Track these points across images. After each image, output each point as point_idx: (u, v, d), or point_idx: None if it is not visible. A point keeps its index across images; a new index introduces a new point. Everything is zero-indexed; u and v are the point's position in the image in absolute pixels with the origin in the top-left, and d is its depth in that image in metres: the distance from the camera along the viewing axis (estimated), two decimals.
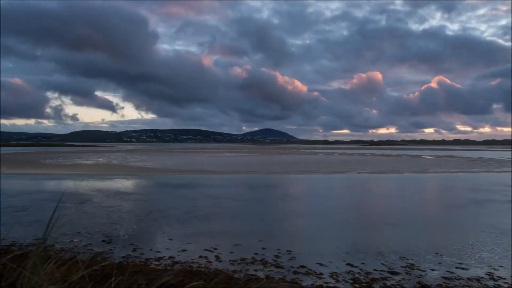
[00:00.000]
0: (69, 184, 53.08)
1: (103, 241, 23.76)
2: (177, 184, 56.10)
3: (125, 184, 55.85)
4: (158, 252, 21.46)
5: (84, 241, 23.58)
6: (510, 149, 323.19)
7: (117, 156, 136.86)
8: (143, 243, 23.24)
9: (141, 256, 20.50)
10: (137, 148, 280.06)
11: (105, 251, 21.47)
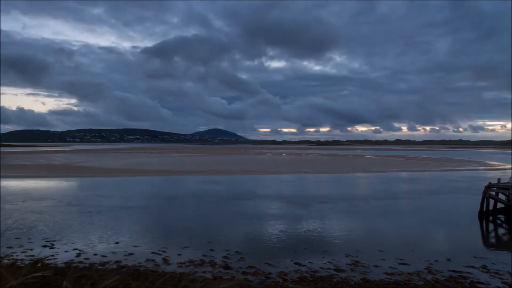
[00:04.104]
0: (7, 186, 50.42)
1: (44, 246, 22.83)
2: (124, 186, 54.78)
3: (68, 186, 53.85)
4: (104, 256, 20.88)
5: (24, 246, 22.55)
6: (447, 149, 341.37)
7: (60, 157, 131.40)
8: (88, 248, 22.52)
9: (85, 261, 19.85)
10: (81, 149, 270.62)
11: (47, 256, 20.63)
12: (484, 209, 34.00)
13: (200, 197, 43.49)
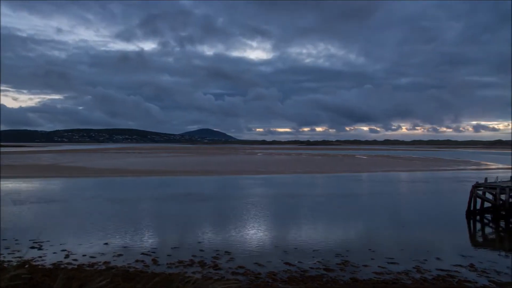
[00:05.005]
0: None
1: (32, 247, 22.60)
2: (109, 186, 54.39)
3: (57, 186, 53.33)
4: (93, 257, 20.73)
5: (11, 248, 22.28)
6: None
7: (50, 158, 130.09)
8: (76, 249, 22.33)
9: (73, 263, 19.71)
10: (70, 149, 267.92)
11: (35, 257, 20.44)
12: (472, 208, 34.36)
13: (189, 197, 43.35)
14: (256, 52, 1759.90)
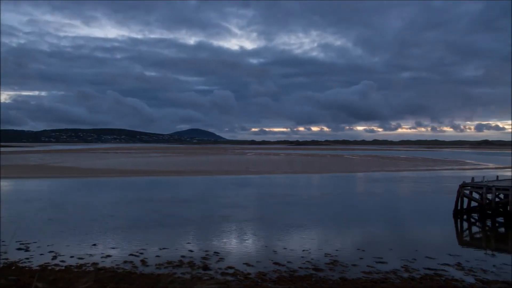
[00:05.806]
0: None
1: (19, 249, 22.33)
2: (97, 187, 54.00)
3: (43, 186, 52.80)
4: (81, 258, 20.57)
5: None
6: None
7: (36, 157, 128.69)
8: (64, 250, 22.13)
9: (61, 264, 19.53)
10: (59, 149, 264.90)
11: (21, 259, 20.22)
12: (459, 207, 34.68)
13: (178, 197, 43.18)
14: (240, 41, 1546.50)
